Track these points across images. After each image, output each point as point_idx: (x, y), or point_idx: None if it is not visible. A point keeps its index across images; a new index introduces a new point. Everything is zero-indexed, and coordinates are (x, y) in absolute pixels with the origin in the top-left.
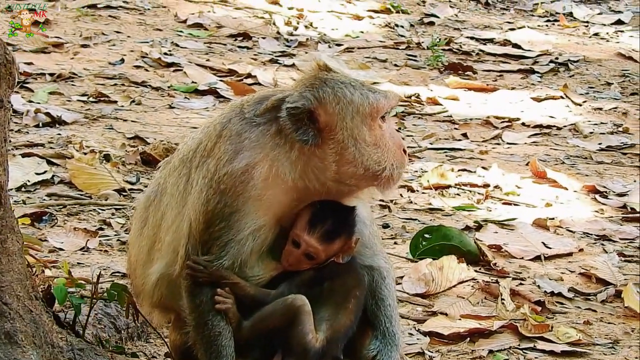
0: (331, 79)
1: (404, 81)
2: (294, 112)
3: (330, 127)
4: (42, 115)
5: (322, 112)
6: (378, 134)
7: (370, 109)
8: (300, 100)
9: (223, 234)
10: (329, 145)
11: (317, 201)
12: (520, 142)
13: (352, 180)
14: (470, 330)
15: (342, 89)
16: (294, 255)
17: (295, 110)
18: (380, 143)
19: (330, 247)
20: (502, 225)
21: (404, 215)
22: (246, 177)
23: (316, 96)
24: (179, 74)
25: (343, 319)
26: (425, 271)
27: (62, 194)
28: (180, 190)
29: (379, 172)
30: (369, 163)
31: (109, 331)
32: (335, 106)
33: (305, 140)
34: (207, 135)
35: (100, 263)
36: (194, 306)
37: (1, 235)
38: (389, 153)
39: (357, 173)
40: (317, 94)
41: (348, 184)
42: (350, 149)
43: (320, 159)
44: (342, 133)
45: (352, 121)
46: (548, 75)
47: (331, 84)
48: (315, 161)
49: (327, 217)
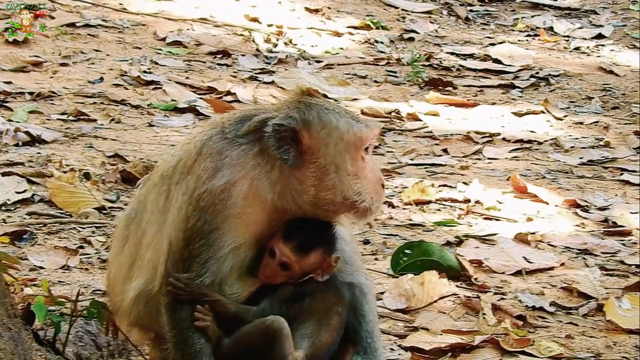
0: (316, 104)
1: (384, 97)
2: (279, 129)
3: (312, 151)
4: (21, 134)
5: (306, 135)
6: (360, 165)
7: (355, 138)
8: (286, 119)
9: (203, 252)
10: (309, 168)
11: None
12: (501, 157)
13: (329, 206)
14: (451, 345)
15: (328, 115)
16: (270, 266)
17: (280, 128)
18: (360, 174)
19: (305, 260)
20: (483, 240)
21: (385, 231)
22: (226, 195)
23: (302, 118)
24: (158, 92)
25: (325, 335)
26: (406, 287)
27: (43, 212)
28: (160, 207)
29: (357, 202)
30: (349, 193)
31: (89, 349)
32: (320, 130)
33: (286, 159)
34: (186, 152)
35: (81, 281)
36: (173, 322)
37: None
38: (368, 185)
39: (335, 200)
40: (303, 116)
41: (325, 210)
42: (331, 176)
43: (300, 181)
44: (325, 159)
45: (336, 148)
46: (529, 90)
47: (317, 108)
48: (295, 183)
49: (304, 229)
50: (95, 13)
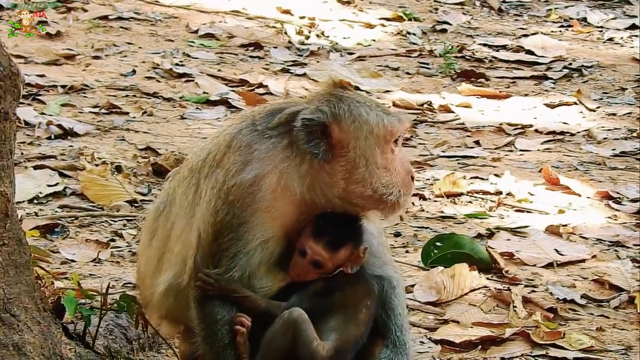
0: (347, 97)
1: (416, 89)
2: (309, 123)
3: (342, 145)
4: (54, 127)
5: (336, 128)
6: (389, 157)
7: (385, 131)
8: (316, 113)
9: (232, 246)
10: (339, 162)
11: (323, 212)
12: (533, 148)
13: (358, 200)
14: (482, 337)
15: (358, 108)
16: (301, 265)
17: (310, 122)
18: (390, 167)
19: (337, 256)
20: (515, 232)
21: (416, 224)
22: (255, 189)
23: (332, 111)
24: (190, 85)
25: (353, 329)
26: (436, 279)
27: (74, 205)
28: (189, 201)
29: (386, 195)
30: (378, 186)
31: (120, 342)
32: (350, 124)
33: (316, 153)
34: (216, 145)
35: (112, 274)
36: (202, 316)
37: (8, 247)
38: (397, 178)
39: (365, 194)
40: (333, 110)
41: (354, 203)
42: (361, 169)
43: (329, 174)
44: (355, 152)
45: (366, 141)
46: (561, 81)
47: (347, 101)
48: (324, 176)
49: (333, 225)
50: (127, 5)
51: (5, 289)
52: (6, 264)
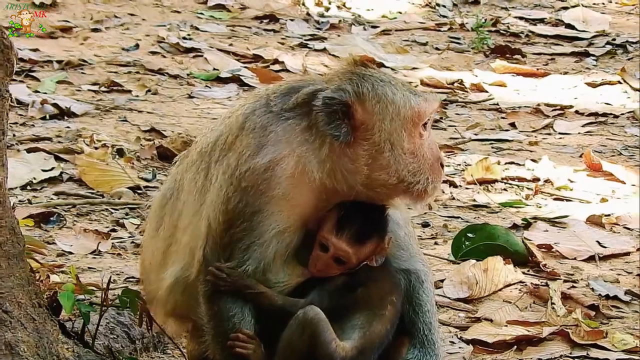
0: (370, 75)
1: (446, 66)
2: (330, 102)
3: (366, 127)
4: (49, 106)
5: (359, 109)
6: (417, 142)
7: (412, 113)
8: (338, 92)
9: (245, 236)
10: (362, 146)
11: (345, 201)
12: (574, 131)
13: (382, 188)
14: (517, 337)
15: (384, 87)
16: (323, 260)
17: (331, 101)
18: (418, 153)
19: (362, 250)
20: (553, 222)
21: (446, 213)
22: (270, 175)
23: (356, 91)
24: (199, 61)
25: (378, 327)
26: (468, 274)
27: (71, 192)
28: (198, 187)
29: (413, 184)
30: (404, 173)
31: (122, 341)
32: (375, 104)
33: (337, 135)
34: (228, 127)
35: (113, 267)
36: (212, 313)
37: (0, 237)
38: (426, 165)
39: (389, 182)
40: (356, 89)
41: (378, 191)
42: (386, 154)
43: (352, 159)
44: (379, 135)
45: (392, 124)
46: (604, 58)
47: (371, 80)
48: (346, 161)
49: (356, 217)
50: None
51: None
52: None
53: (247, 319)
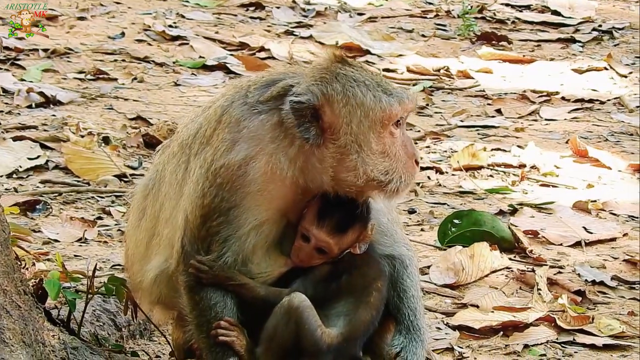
0: (344, 75)
1: (433, 53)
2: (298, 106)
3: (334, 129)
4: (35, 94)
5: (327, 111)
6: (388, 142)
7: (382, 114)
8: (306, 95)
9: (222, 230)
10: (329, 148)
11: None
12: (560, 117)
13: (351, 188)
14: (503, 323)
15: (354, 88)
16: (305, 250)
17: (299, 105)
18: (389, 152)
19: (343, 240)
20: (540, 208)
21: (432, 200)
22: (243, 172)
23: (324, 92)
24: (185, 48)
25: (363, 314)
26: (454, 260)
27: (57, 180)
28: (178, 180)
29: (384, 183)
30: (373, 173)
31: (108, 329)
32: (343, 107)
33: (307, 138)
34: (207, 119)
35: (99, 255)
36: (194, 303)
37: None
38: (398, 163)
39: (357, 183)
40: (325, 90)
41: (348, 191)
42: (352, 156)
43: (319, 160)
44: (346, 137)
45: (359, 126)
46: (590, 45)
47: (343, 80)
48: (314, 161)
49: (336, 207)
50: None
51: None
52: None
53: (229, 307)
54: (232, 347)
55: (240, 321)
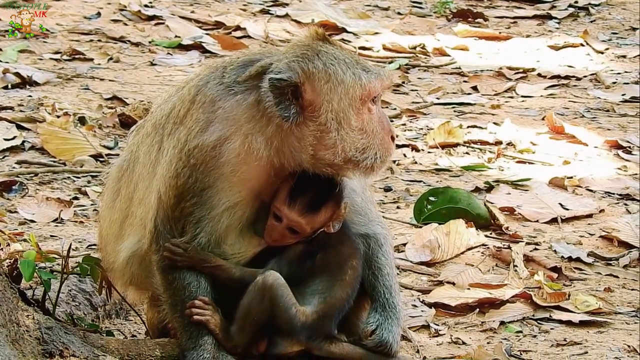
0: (324, 52)
1: (408, 30)
2: (278, 84)
3: (314, 107)
4: (10, 75)
5: (308, 88)
6: (366, 118)
7: (362, 91)
8: (287, 72)
9: (195, 210)
10: (309, 126)
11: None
12: (536, 94)
13: (328, 167)
14: (479, 300)
15: (334, 66)
16: (277, 230)
17: (279, 83)
18: (367, 128)
19: (315, 219)
20: (516, 185)
21: (408, 177)
22: (217, 152)
23: (304, 69)
24: (160, 28)
25: (338, 291)
26: (430, 237)
27: (33, 161)
28: (152, 160)
29: (361, 160)
30: (351, 151)
31: (84, 308)
32: (324, 84)
33: (286, 116)
34: (180, 99)
35: (75, 235)
36: (167, 283)
37: None
38: (374, 140)
39: (335, 161)
40: (305, 67)
41: (326, 170)
42: (332, 134)
43: (298, 138)
44: (327, 115)
45: (339, 104)
46: (567, 21)
47: (324, 57)
48: (292, 140)
49: (308, 188)
50: None
51: None
52: None
53: (202, 287)
54: (206, 326)
55: (214, 300)
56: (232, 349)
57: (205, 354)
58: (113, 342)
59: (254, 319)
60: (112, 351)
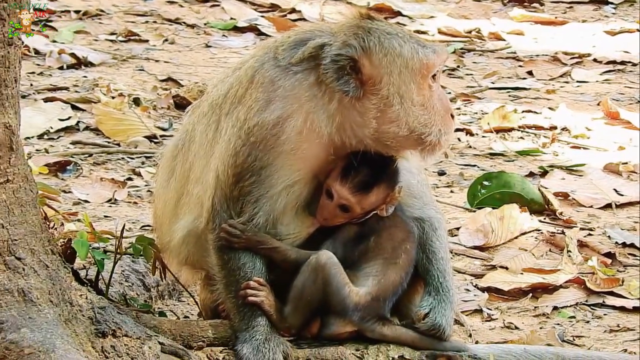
0: (376, 29)
1: (464, 14)
2: (337, 59)
3: (374, 80)
4: (66, 56)
5: (367, 63)
6: (427, 94)
7: (421, 65)
8: (344, 48)
9: (254, 189)
10: (371, 100)
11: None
12: (592, 79)
13: (392, 141)
14: (533, 285)
15: (391, 40)
16: (328, 208)
17: (339, 58)
18: (428, 104)
19: (366, 199)
20: (570, 170)
21: (462, 161)
22: (278, 130)
23: (362, 45)
24: (216, 10)
25: (392, 275)
26: (484, 222)
27: (88, 141)
28: (209, 139)
29: (424, 135)
30: (414, 125)
31: (137, 289)
32: (382, 58)
33: (347, 90)
34: (237, 79)
35: (129, 216)
36: (222, 263)
37: (13, 184)
38: (436, 116)
39: (399, 134)
40: (362, 43)
41: (388, 144)
42: (395, 107)
43: (360, 113)
44: (388, 89)
45: (400, 76)
46: (623, 7)
47: (377, 33)
48: (355, 115)
49: (362, 166)
50: None
51: (9, 229)
52: (10, 202)
53: (257, 268)
54: (260, 307)
55: (268, 281)
56: (286, 330)
57: (258, 335)
58: (165, 322)
59: (307, 299)
60: (165, 332)
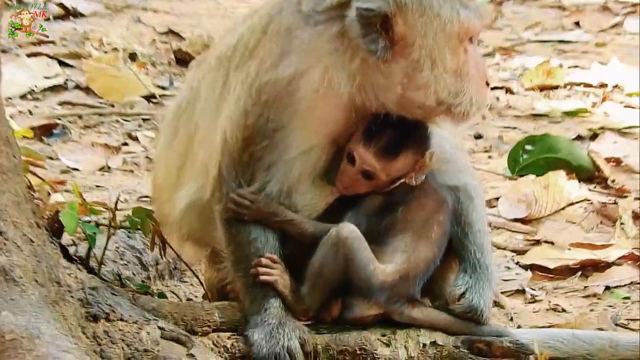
0: None
1: None
2: (366, 13)
3: (406, 42)
4: (53, 5)
5: (400, 21)
6: (462, 59)
7: (460, 28)
8: (377, 2)
9: (266, 155)
10: (398, 62)
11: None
12: None
13: (417, 110)
14: (582, 262)
15: None
16: (350, 174)
17: (368, 12)
18: (462, 71)
19: (392, 165)
20: (623, 133)
21: (501, 123)
22: (293, 88)
23: (397, 1)
24: None
25: (423, 250)
26: (526, 191)
27: (77, 101)
28: (216, 96)
29: (453, 106)
30: (444, 94)
31: (133, 268)
32: (418, 17)
33: (373, 50)
34: (249, 29)
35: (124, 185)
36: (230, 237)
37: None
38: (469, 84)
39: (426, 104)
40: None
41: (413, 112)
42: (425, 73)
43: (385, 75)
44: (420, 52)
45: (435, 39)
46: None
47: None
48: (378, 78)
49: (389, 129)
50: None
51: None
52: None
53: (270, 243)
54: (274, 287)
55: (282, 256)
56: (303, 313)
57: (270, 319)
58: (166, 305)
59: (327, 277)
60: (165, 315)
